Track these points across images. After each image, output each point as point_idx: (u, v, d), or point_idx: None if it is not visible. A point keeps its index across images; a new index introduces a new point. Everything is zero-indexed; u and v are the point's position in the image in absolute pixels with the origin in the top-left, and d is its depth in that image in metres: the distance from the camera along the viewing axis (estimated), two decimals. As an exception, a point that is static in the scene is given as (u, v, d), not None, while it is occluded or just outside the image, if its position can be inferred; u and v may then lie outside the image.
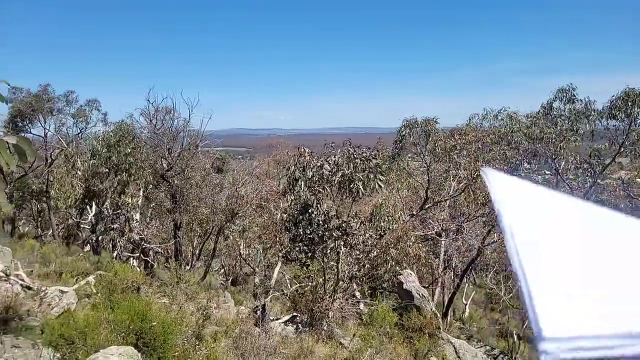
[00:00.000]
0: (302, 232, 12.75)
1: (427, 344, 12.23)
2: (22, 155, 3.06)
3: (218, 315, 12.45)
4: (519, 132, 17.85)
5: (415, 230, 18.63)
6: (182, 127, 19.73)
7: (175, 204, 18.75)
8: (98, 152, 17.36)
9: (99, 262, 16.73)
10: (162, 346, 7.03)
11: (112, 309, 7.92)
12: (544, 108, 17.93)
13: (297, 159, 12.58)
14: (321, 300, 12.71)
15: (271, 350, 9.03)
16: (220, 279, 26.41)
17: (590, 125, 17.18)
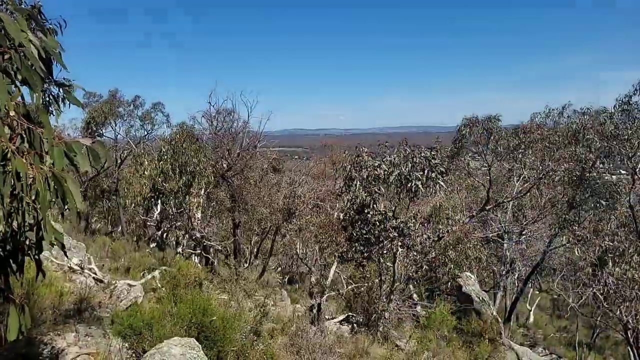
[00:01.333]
0: (359, 232, 12.70)
1: (487, 349, 11.79)
2: (96, 157, 3.25)
3: (275, 313, 12.68)
4: (591, 130, 16.66)
5: (476, 232, 18.03)
6: (241, 128, 20.30)
7: (234, 203, 19.29)
8: (164, 153, 18.21)
9: (164, 258, 17.56)
10: (221, 340, 7.24)
11: (175, 303, 8.28)
12: (620, 102, 16.59)
13: (353, 158, 12.55)
14: (377, 301, 12.60)
15: (326, 348, 9.06)
16: (277, 277, 26.90)
17: None
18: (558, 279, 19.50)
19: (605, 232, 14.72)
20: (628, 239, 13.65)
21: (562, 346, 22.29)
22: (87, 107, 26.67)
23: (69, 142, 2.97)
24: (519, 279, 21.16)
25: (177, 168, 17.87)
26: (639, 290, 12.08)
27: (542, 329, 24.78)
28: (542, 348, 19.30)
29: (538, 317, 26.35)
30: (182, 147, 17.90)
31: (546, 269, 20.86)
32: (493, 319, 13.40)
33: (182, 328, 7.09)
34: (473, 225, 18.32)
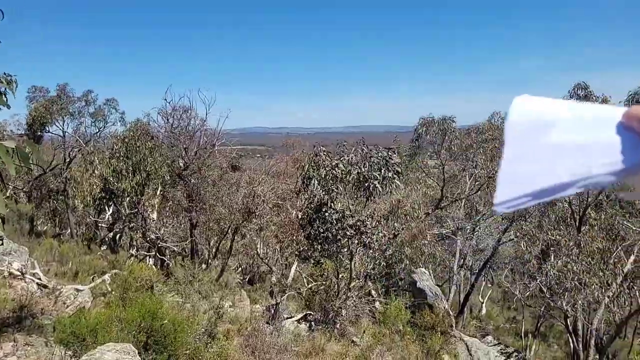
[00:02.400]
0: (317, 231, 12.77)
1: (439, 342, 12.14)
2: (25, 158, 3.12)
3: (233, 314, 12.57)
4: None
5: (431, 229, 18.49)
6: (198, 126, 19.86)
7: (192, 203, 18.92)
8: (116, 152, 17.61)
9: (116, 260, 17.05)
10: (172, 344, 7.12)
11: (124, 307, 8.07)
12: None
13: (311, 157, 12.60)
14: (334, 299, 12.72)
15: (282, 347, 9.07)
16: (237, 277, 26.61)
17: None
18: (506, 272, 20.33)
19: (547, 227, 15.52)
20: (568, 233, 14.45)
21: (510, 336, 23.30)
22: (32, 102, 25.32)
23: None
24: (472, 273, 21.88)
25: (130, 167, 17.35)
26: (577, 281, 12.77)
27: (493, 320, 25.77)
28: (491, 338, 20.05)
29: (490, 309, 27.36)
30: (136, 145, 17.39)
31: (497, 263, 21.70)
32: (445, 312, 13.82)
33: (130, 333, 6.92)
34: (428, 222, 18.77)
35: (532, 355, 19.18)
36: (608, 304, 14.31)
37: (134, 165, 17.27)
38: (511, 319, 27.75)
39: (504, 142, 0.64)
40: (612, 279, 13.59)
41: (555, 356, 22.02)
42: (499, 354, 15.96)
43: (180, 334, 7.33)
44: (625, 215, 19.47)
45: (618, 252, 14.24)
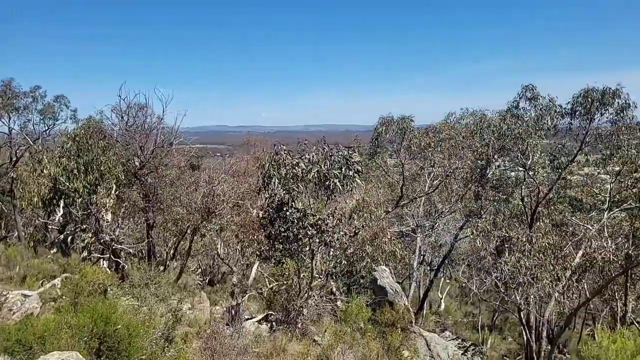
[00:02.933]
0: (278, 230, 12.66)
1: (399, 338, 12.33)
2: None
3: (192, 316, 12.27)
4: (488, 129, 18.16)
5: (391, 226, 18.75)
6: (155, 124, 19.28)
7: (149, 203, 18.35)
8: (67, 150, 16.84)
9: (68, 264, 16.32)
10: (127, 349, 6.86)
11: (76, 313, 7.71)
12: (510, 106, 18.32)
13: (272, 156, 12.46)
14: (296, 298, 12.66)
15: (241, 349, 8.93)
16: (197, 279, 26.08)
17: (553, 122, 17.61)
18: (463, 268, 20.94)
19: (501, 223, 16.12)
20: (521, 229, 15.05)
21: (467, 330, 24.00)
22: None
23: None
24: (431, 270, 22.42)
25: (82, 166, 16.63)
26: (530, 276, 13.30)
27: (451, 315, 26.46)
28: (449, 333, 20.60)
29: (448, 304, 28.09)
30: (88, 144, 16.68)
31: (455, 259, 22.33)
32: (405, 309, 14.05)
33: (81, 340, 6.61)
34: (389, 220, 19.03)
35: (488, 347, 19.85)
36: (558, 297, 14.97)
37: (86, 165, 16.57)
38: (468, 314, 28.60)
39: (460, 141, 0.62)
40: (562, 273, 14.20)
41: (509, 348, 22.84)
42: (456, 348, 16.40)
43: (135, 338, 7.07)
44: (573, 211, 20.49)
45: (568, 247, 14.91)
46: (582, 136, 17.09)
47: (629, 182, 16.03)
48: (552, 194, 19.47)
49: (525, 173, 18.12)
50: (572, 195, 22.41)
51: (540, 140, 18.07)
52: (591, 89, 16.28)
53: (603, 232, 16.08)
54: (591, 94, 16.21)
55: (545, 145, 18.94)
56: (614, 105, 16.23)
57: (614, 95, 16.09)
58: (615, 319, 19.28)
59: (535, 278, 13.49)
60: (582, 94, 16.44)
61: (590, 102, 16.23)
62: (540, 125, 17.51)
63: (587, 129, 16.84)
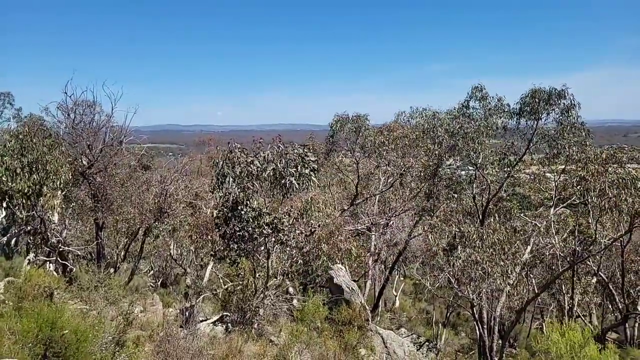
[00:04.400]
0: (233, 230, 12.53)
1: (356, 336, 12.49)
2: None
3: (144, 319, 11.95)
4: (440, 128, 18.70)
5: (347, 225, 18.99)
6: (104, 121, 18.63)
7: (98, 203, 17.71)
8: (9, 149, 16.00)
9: (11, 267, 15.49)
10: (74, 355, 6.62)
11: (20, 318, 7.35)
12: (461, 105, 18.92)
13: (225, 154, 12.33)
14: (251, 298, 12.59)
15: (196, 351, 8.80)
16: (149, 281, 25.36)
17: (502, 122, 18.29)
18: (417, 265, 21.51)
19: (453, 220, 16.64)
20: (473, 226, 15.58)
21: (422, 326, 24.64)
22: None
23: None
24: (386, 267, 22.86)
25: (26, 165, 15.83)
26: (481, 271, 13.79)
27: (406, 312, 27.11)
28: (405, 329, 21.09)
29: (403, 302, 28.75)
30: (32, 142, 15.89)
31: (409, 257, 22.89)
32: (361, 307, 14.25)
33: (25, 346, 6.31)
34: (344, 219, 19.26)
35: (443, 343, 20.44)
36: (509, 292, 15.55)
37: (31, 164, 15.77)
38: (423, 310, 29.37)
39: (413, 140, 0.67)
40: (512, 268, 14.74)
41: (463, 343, 23.59)
42: (412, 345, 16.80)
43: (83, 343, 6.83)
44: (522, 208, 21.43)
45: (517, 244, 15.52)
46: (529, 135, 17.80)
47: (575, 180, 16.72)
48: (502, 192, 20.26)
49: (476, 171, 18.77)
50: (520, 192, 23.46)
51: (489, 140, 18.72)
52: (538, 89, 16.91)
53: (550, 229, 16.66)
54: (538, 94, 16.82)
55: (495, 144, 19.65)
56: (559, 106, 16.82)
57: (560, 96, 16.67)
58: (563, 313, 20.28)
59: (486, 273, 13.94)
60: (530, 94, 17.05)
61: (537, 102, 16.87)
62: (489, 124, 18.14)
63: (534, 128, 17.54)
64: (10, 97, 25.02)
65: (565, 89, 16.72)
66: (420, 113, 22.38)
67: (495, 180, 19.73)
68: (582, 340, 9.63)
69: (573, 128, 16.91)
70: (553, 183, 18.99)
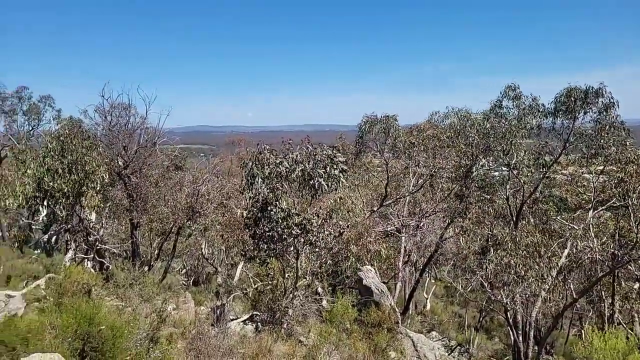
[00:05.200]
0: (262, 230, 12.65)
1: (385, 338, 12.39)
2: None
3: (177, 317, 12.21)
4: (472, 128, 18.35)
5: (376, 226, 18.87)
6: (139, 123, 19.18)
7: (133, 202, 18.24)
8: (51, 150, 16.69)
9: (52, 264, 16.13)
10: (111, 350, 6.83)
11: (60, 313, 7.65)
12: (494, 105, 18.52)
13: (255, 155, 12.47)
14: (281, 298, 12.67)
15: (227, 350, 8.93)
16: (182, 279, 25.91)
17: (537, 121, 17.79)
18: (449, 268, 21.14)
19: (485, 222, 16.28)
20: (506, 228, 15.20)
21: (454, 330, 24.19)
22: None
23: None
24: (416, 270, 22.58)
25: (66, 166, 16.46)
26: (515, 274, 13.42)
27: (437, 315, 26.66)
28: (436, 333, 20.76)
29: (434, 305, 28.31)
30: (72, 144, 16.51)
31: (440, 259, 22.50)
32: (391, 309, 14.13)
33: (65, 340, 6.56)
34: (374, 220, 19.15)
35: (475, 348, 20.00)
36: (545, 297, 15.07)
37: (70, 164, 16.40)
38: (454, 314, 28.83)
39: (444, 140, 0.67)
40: (547, 272, 14.29)
41: (496, 348, 23.01)
42: (443, 349, 16.53)
43: (119, 339, 7.05)
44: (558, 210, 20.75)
45: (553, 247, 15.03)
46: (566, 135, 17.26)
47: (614, 182, 16.12)
48: (537, 193, 19.69)
49: (509, 172, 18.32)
50: (557, 194, 22.72)
51: (523, 140, 18.27)
52: (574, 88, 16.37)
53: (589, 232, 16.13)
54: (574, 93, 16.29)
55: (529, 144, 19.16)
56: (597, 105, 16.30)
57: (597, 95, 16.14)
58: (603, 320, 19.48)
59: (520, 277, 13.57)
60: (565, 93, 16.53)
61: (573, 102, 16.35)
62: (523, 124, 17.69)
63: (570, 128, 17.01)
64: (51, 100, 26.15)
65: (603, 87, 16.14)
66: (456, 113, 22.01)
67: (529, 181, 19.20)
68: (626, 348, 9.24)
69: (612, 127, 16.33)
70: (591, 184, 18.35)
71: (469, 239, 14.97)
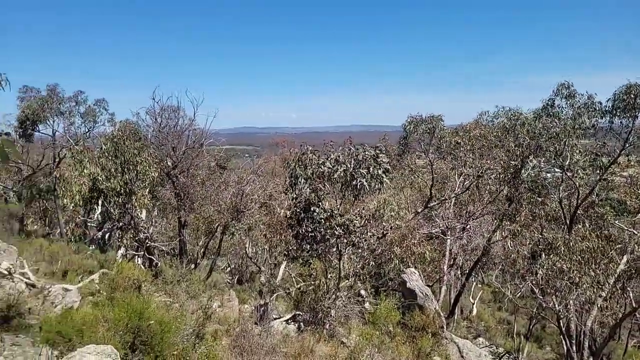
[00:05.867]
0: (305, 230, 12.71)
1: (429, 343, 12.13)
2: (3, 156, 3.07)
3: (221, 314, 12.47)
4: (521, 128, 17.69)
5: (421, 228, 18.54)
6: (187, 125, 19.81)
7: (180, 201, 18.83)
8: (105, 151, 17.49)
9: (105, 260, 16.87)
10: (159, 344, 7.04)
11: (112, 307, 7.97)
12: (545, 104, 17.75)
13: (297, 156, 12.55)
14: (323, 299, 12.67)
15: (270, 348, 9.02)
16: (227, 277, 26.51)
17: (591, 121, 16.92)
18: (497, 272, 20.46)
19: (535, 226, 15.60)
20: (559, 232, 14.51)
21: (502, 337, 23.40)
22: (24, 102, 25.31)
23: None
24: (462, 273, 21.98)
25: (119, 166, 17.21)
26: (568, 280, 12.78)
27: (484, 321, 25.89)
28: (483, 339, 20.13)
29: (481, 310, 27.51)
30: (124, 145, 17.25)
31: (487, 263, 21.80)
32: (435, 313, 13.82)
33: (116, 333, 6.83)
34: (418, 221, 18.82)
35: (525, 356, 19.25)
36: (602, 305, 14.27)
37: (123, 165, 17.13)
38: (503, 320, 27.92)
39: (491, 140, 0.62)
40: (604, 279, 13.54)
41: (547, 358, 22.10)
42: (490, 355, 16.00)
43: (167, 334, 7.25)
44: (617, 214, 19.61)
45: (611, 253, 14.20)
46: (625, 135, 16.35)
47: None
48: (593, 196, 18.74)
49: (562, 174, 17.52)
50: (615, 197, 21.51)
51: (578, 140, 17.45)
52: (634, 84, 15.42)
53: (651, 237, 15.23)
54: (634, 90, 15.40)
55: (584, 145, 18.29)
56: None
57: (660, 91, 15.27)
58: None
59: (574, 283, 12.93)
60: (624, 90, 15.66)
61: (633, 99, 15.46)
62: (578, 124, 16.88)
63: (630, 127, 16.10)
64: (105, 103, 27.49)
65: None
66: (506, 113, 21.32)
67: (585, 183, 18.28)
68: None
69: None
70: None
71: (518, 243, 14.40)
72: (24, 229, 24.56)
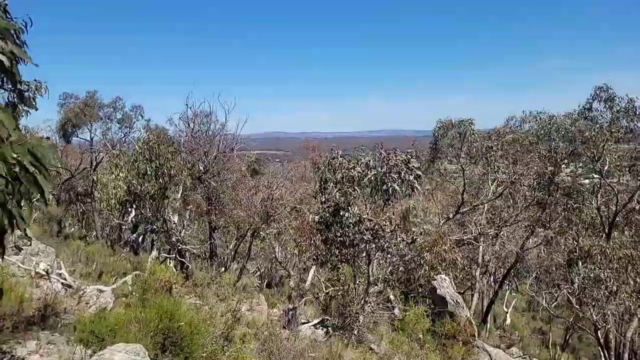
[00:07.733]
0: (334, 235, 12.69)
1: (460, 351, 11.87)
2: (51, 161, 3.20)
3: (250, 317, 12.56)
4: (556, 133, 17.16)
5: (452, 234, 18.21)
6: (218, 130, 20.17)
7: (211, 206, 19.13)
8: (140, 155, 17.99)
9: (138, 262, 17.29)
10: (189, 346, 7.14)
11: (144, 308, 8.14)
12: (582, 108, 17.16)
13: (327, 160, 12.58)
14: (352, 304, 12.59)
15: (298, 353, 9.01)
16: (256, 281, 26.68)
17: (633, 125, 16.25)
18: (531, 281, 19.86)
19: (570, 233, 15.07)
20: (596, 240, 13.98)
21: (537, 347, 22.64)
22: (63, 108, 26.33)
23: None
24: (495, 281, 21.47)
25: (153, 170, 17.66)
26: (606, 290, 12.29)
27: (518, 331, 25.12)
28: (516, 349, 19.52)
29: (514, 318, 26.72)
30: (158, 150, 17.70)
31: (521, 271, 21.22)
32: (467, 321, 13.51)
33: (147, 334, 6.96)
34: (450, 227, 18.50)
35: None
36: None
37: (157, 169, 17.57)
38: (537, 330, 27.05)
39: (525, 145, 0.59)
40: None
41: (584, 370, 21.31)
42: (524, 366, 15.54)
43: (196, 336, 7.35)
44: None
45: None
46: None
47: None
48: (633, 203, 18.02)
49: (600, 180, 16.90)
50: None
51: (617, 145, 16.82)
52: None
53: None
54: None
55: (624, 149, 17.61)
56: None
57: None
58: None
59: (612, 293, 12.43)
60: None
61: None
62: (617, 128, 16.26)
63: None
64: (141, 110, 28.30)
65: None
66: (535, 117, 20.76)
67: (625, 190, 17.57)
68: None
69: None
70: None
71: (552, 250, 13.95)
72: (62, 231, 25.48)
